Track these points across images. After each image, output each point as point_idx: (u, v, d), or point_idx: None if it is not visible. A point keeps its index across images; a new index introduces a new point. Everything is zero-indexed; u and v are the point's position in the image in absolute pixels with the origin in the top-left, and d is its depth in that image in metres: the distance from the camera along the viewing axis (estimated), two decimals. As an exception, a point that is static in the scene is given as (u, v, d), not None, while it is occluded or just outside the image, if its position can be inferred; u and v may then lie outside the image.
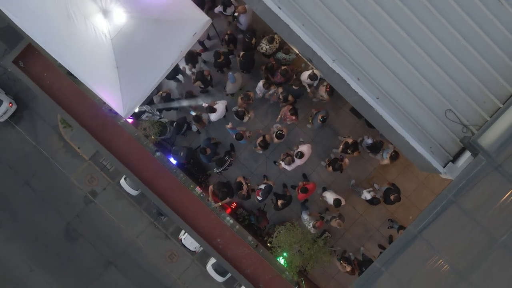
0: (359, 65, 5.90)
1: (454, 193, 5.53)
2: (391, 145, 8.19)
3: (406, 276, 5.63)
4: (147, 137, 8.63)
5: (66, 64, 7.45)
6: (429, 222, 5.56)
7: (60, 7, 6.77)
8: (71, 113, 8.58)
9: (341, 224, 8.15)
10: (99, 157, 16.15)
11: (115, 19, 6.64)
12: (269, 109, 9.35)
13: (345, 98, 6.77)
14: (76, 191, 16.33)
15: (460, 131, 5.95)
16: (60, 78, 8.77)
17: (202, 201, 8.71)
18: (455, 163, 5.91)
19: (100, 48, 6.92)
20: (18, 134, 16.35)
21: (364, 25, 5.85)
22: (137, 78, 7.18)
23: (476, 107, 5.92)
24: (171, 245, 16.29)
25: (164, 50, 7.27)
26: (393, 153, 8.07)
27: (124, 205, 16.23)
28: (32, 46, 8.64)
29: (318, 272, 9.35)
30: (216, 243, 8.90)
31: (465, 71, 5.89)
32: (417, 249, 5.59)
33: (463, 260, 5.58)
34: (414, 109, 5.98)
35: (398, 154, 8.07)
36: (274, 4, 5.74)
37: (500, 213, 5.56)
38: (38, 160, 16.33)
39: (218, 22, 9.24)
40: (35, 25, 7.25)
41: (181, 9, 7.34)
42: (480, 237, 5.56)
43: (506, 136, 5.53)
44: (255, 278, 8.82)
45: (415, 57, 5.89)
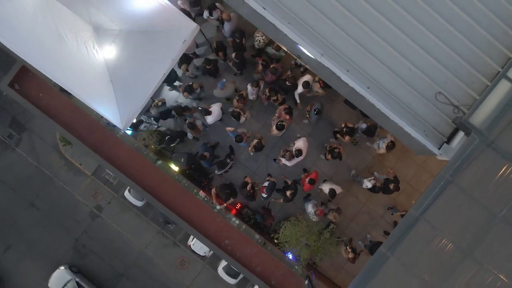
0: (347, 57, 6.03)
1: (451, 173, 5.66)
2: (388, 135, 8.31)
3: (411, 258, 5.75)
4: (147, 147, 8.75)
5: (61, 83, 7.57)
6: (429, 204, 5.68)
7: (50, 28, 6.89)
8: (70, 131, 8.70)
9: (336, 217, 8.24)
10: (101, 171, 16.27)
11: (105, 34, 6.76)
12: (265, 109, 9.46)
13: (337, 90, 6.89)
14: (81, 207, 16.45)
15: (452, 112, 6.08)
16: (56, 97, 8.90)
17: (207, 205, 8.83)
18: (449, 144, 6.03)
19: (93, 64, 7.04)
20: (19, 156, 16.46)
21: (348, 18, 5.98)
22: (131, 90, 7.30)
23: (465, 87, 6.04)
24: (180, 252, 16.39)
25: (156, 60, 7.39)
26: (389, 143, 8.18)
27: (130, 217, 16.34)
28: (26, 68, 8.78)
29: (327, 263, 9.47)
30: (224, 244, 9.02)
31: (451, 54, 6.02)
32: (420, 231, 5.71)
33: (466, 238, 5.70)
34: (405, 95, 6.10)
35: (394, 144, 8.19)
36: (258, 6, 5.87)
37: (497, 188, 5.68)
38: (41, 180, 16.45)
39: (207, 27, 9.39)
40: (27, 47, 7.37)
41: (169, 18, 7.45)
42: (479, 213, 5.68)
43: (496, 113, 5.66)
44: (266, 276, 8.95)
45: (401, 44, 6.02)
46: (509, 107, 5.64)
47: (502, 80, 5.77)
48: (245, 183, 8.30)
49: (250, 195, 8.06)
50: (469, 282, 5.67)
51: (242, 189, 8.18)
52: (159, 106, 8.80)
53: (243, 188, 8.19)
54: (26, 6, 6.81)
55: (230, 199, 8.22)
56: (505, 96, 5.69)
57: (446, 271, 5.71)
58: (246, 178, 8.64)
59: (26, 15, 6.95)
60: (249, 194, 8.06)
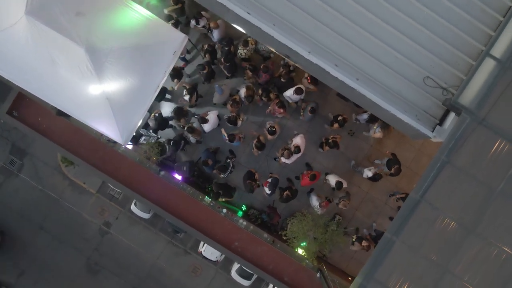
0: (334, 52, 6.20)
1: (446, 154, 5.81)
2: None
3: (417, 240, 5.89)
4: (148, 159, 8.91)
5: (59, 105, 7.73)
6: (428, 186, 5.83)
7: (43, 53, 7.03)
8: (72, 151, 8.85)
9: (346, 204, 8.43)
10: (105, 188, 16.44)
11: (97, 54, 6.90)
12: (260, 110, 9.62)
13: (328, 85, 7.05)
14: (90, 226, 16.60)
15: (441, 94, 6.24)
16: (55, 120, 9.05)
17: (214, 210, 8.98)
18: (442, 125, 6.20)
19: (88, 84, 7.18)
20: (23, 182, 16.63)
21: (331, 13, 6.14)
22: (128, 105, 7.45)
23: (451, 69, 6.21)
24: (192, 260, 16.54)
25: (149, 73, 7.55)
26: (383, 123, 8.30)
27: (139, 230, 16.49)
28: (22, 95, 8.93)
29: (337, 255, 9.62)
30: (234, 247, 9.17)
31: (434, 38, 6.18)
32: (422, 213, 5.86)
33: (467, 215, 5.85)
34: (394, 82, 6.27)
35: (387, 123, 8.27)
36: (243, 11, 6.03)
37: (493, 163, 5.84)
38: (47, 203, 16.62)
39: (195, 35, 9.54)
40: (22, 74, 7.53)
41: (157, 32, 7.62)
42: (478, 190, 5.84)
43: (483, 91, 5.82)
44: (279, 273, 9.10)
45: (385, 34, 6.19)
46: (496, 84, 5.79)
47: (486, 58, 5.93)
48: (250, 173, 8.37)
49: (251, 187, 8.18)
50: (475, 258, 5.82)
51: (246, 181, 8.31)
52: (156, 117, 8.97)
53: (248, 179, 8.32)
54: (18, 34, 6.95)
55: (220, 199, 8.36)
56: (491, 74, 5.85)
57: (452, 249, 5.86)
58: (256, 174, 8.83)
59: (18, 43, 7.09)
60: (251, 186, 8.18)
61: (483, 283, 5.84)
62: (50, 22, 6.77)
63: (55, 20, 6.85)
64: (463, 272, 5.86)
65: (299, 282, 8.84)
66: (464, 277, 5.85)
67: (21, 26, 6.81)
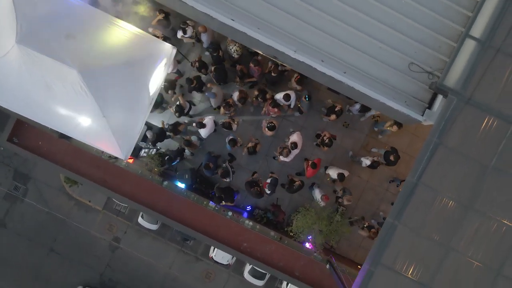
0: (319, 48, 6.37)
1: (437, 136, 5.98)
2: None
3: (418, 222, 6.05)
4: (151, 171, 9.07)
5: (57, 128, 7.90)
6: (423, 168, 6.00)
7: (37, 78, 7.19)
8: (75, 171, 9.02)
9: (350, 199, 8.62)
10: (111, 203, 16.60)
11: (89, 74, 7.05)
12: (255, 111, 9.79)
13: (317, 80, 7.23)
14: (100, 242, 16.76)
15: (427, 79, 6.42)
16: (55, 142, 9.22)
17: (219, 214, 9.15)
18: (431, 109, 6.38)
19: (84, 104, 7.33)
20: (29, 206, 16.80)
21: (312, 12, 6.33)
22: (125, 120, 7.62)
23: (434, 53, 6.39)
24: (204, 266, 16.70)
25: (143, 87, 7.72)
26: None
27: (148, 242, 16.66)
28: (21, 121, 9.10)
29: (344, 245, 9.79)
30: (243, 248, 9.34)
31: (414, 25, 6.36)
32: (421, 195, 6.02)
33: (464, 193, 6.02)
34: (380, 72, 6.44)
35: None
36: (227, 18, 6.21)
37: (483, 141, 6.00)
38: (55, 224, 16.78)
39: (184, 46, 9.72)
40: (18, 101, 7.70)
41: (146, 46, 7.78)
42: (472, 167, 6.00)
43: (467, 71, 5.99)
44: (289, 269, 9.28)
45: (366, 25, 6.37)
46: (478, 63, 5.96)
47: (467, 39, 6.10)
48: (252, 182, 8.57)
49: (258, 192, 8.36)
50: (476, 233, 5.98)
51: (250, 189, 8.49)
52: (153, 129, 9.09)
53: (251, 187, 8.50)
54: (11, 63, 7.12)
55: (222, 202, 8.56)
56: (472, 54, 6.02)
57: (453, 227, 6.02)
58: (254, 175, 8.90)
59: (12, 71, 7.25)
60: (257, 192, 8.36)
61: (487, 256, 6.00)
62: (41, 48, 6.93)
63: (46, 45, 7.02)
64: (466, 248, 6.02)
65: (310, 275, 9.02)
66: (468, 253, 6.02)
67: (13, 55, 6.98)
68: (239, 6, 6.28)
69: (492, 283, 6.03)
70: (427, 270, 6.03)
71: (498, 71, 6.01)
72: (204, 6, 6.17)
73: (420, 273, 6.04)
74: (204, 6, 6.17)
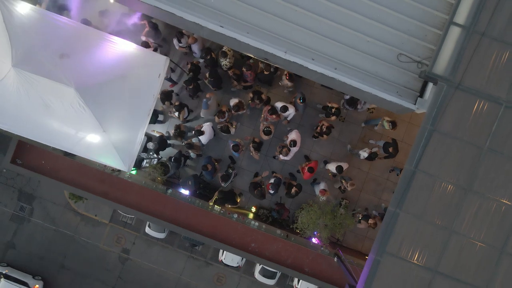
0: (309, 47, 6.51)
1: (431, 123, 6.12)
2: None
3: (419, 209, 6.19)
4: (154, 181, 9.20)
5: (59, 146, 8.04)
6: (420, 155, 6.14)
7: (35, 100, 7.35)
8: (80, 187, 9.16)
9: (353, 183, 8.74)
10: (117, 216, 16.73)
11: (87, 91, 7.21)
12: (252, 113, 9.92)
13: (309, 78, 7.37)
14: (109, 256, 16.88)
15: (416, 68, 6.56)
16: (58, 160, 9.36)
17: (225, 216, 9.29)
18: (423, 97, 6.53)
19: (83, 121, 7.49)
20: (36, 225, 16.92)
21: (298, 12, 6.47)
22: (125, 133, 7.77)
23: (421, 42, 6.53)
24: (215, 270, 16.82)
25: (140, 99, 7.86)
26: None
27: (157, 251, 16.78)
28: (22, 142, 9.24)
29: (351, 237, 9.92)
30: (251, 248, 9.48)
31: (399, 16, 6.50)
32: (420, 182, 6.17)
33: (462, 176, 6.16)
34: (370, 65, 6.58)
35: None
36: (216, 26, 6.35)
37: (476, 123, 6.15)
38: (64, 241, 16.91)
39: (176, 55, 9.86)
40: (18, 123, 7.85)
41: (139, 59, 7.93)
42: (467, 150, 6.15)
43: (454, 57, 6.14)
44: (298, 265, 9.41)
45: (352, 21, 6.51)
46: (464, 49, 6.11)
47: (451, 26, 6.24)
48: (255, 184, 8.72)
49: (261, 194, 8.50)
50: (476, 214, 6.13)
51: (254, 191, 8.62)
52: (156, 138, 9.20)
53: (254, 189, 8.64)
54: (9, 87, 7.27)
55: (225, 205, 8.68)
56: (458, 40, 6.17)
57: (453, 210, 6.16)
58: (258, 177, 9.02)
59: (10, 94, 7.40)
60: (261, 193, 8.50)
61: (489, 236, 6.15)
62: (37, 70, 7.10)
63: (41, 66, 7.19)
64: (468, 230, 6.16)
65: (318, 269, 9.16)
66: (470, 234, 6.16)
67: (10, 78, 7.14)
68: (227, 13, 6.42)
69: (496, 262, 6.17)
70: (432, 255, 6.18)
71: (484, 55, 6.16)
72: (193, 16, 6.31)
73: (425, 258, 6.18)
74: (193, 16, 6.31)
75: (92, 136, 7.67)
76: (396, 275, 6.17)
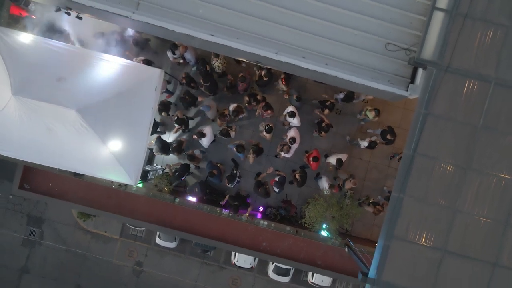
0: (298, 46, 6.68)
1: (424, 107, 6.28)
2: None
3: (422, 192, 6.34)
4: (161, 191, 9.37)
5: (64, 167, 8.21)
6: (417, 140, 6.30)
7: (38, 125, 7.51)
8: (89, 205, 9.32)
9: (356, 182, 8.92)
10: (127, 230, 16.89)
11: (87, 111, 7.36)
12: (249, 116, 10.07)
13: (302, 76, 7.54)
14: (123, 270, 17.04)
15: (405, 55, 6.72)
16: (65, 181, 9.54)
17: (234, 219, 9.45)
18: (414, 83, 6.69)
19: (86, 140, 7.64)
20: (48, 247, 17.08)
21: (284, 13, 6.63)
22: (128, 147, 7.92)
23: (407, 30, 6.69)
24: (229, 273, 16.97)
25: (139, 113, 8.03)
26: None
27: (170, 260, 16.93)
28: (28, 167, 9.41)
29: (359, 226, 10.09)
30: (263, 247, 9.65)
31: (383, 7, 6.66)
32: (420, 165, 6.32)
33: (460, 155, 6.31)
34: (360, 57, 6.75)
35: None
36: (207, 35, 6.52)
37: (468, 103, 6.31)
38: (76, 261, 17.06)
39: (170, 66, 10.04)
40: (23, 149, 8.01)
41: (134, 74, 8.09)
42: (462, 130, 6.31)
43: (441, 41, 6.30)
44: (311, 259, 9.59)
45: (337, 16, 6.67)
46: (449, 32, 6.27)
47: (434, 11, 6.39)
48: (258, 182, 8.85)
49: (265, 192, 8.66)
50: (478, 191, 6.28)
51: (258, 189, 8.77)
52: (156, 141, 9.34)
53: (258, 188, 8.79)
54: (11, 115, 7.43)
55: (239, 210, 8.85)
56: (442, 24, 6.32)
57: (455, 189, 6.32)
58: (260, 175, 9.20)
59: (13, 122, 7.56)
60: (265, 191, 8.66)
61: (492, 211, 6.30)
62: (37, 95, 7.27)
63: (40, 91, 7.36)
64: (471, 207, 6.31)
65: (331, 261, 9.32)
66: (474, 212, 6.31)
67: (12, 106, 7.30)
68: (216, 21, 6.58)
69: (502, 235, 6.33)
70: (439, 235, 6.33)
71: (469, 36, 6.32)
72: (184, 28, 6.47)
73: (433, 238, 6.34)
74: (183, 28, 6.47)
75: (96, 154, 7.83)
76: (406, 258, 6.32)
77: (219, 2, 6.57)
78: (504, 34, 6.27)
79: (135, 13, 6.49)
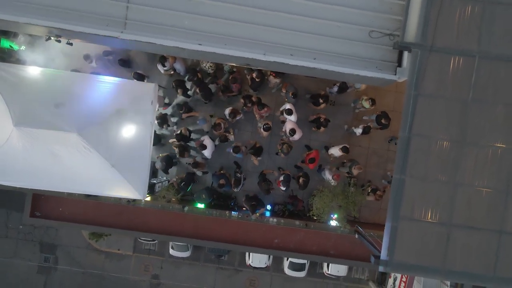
0: (285, 45, 6.85)
1: (414, 88, 6.46)
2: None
3: (422, 171, 6.50)
4: (169, 202, 9.54)
5: (73, 190, 8.38)
6: (411, 121, 6.47)
7: (42, 152, 7.68)
8: (101, 224, 9.48)
9: (361, 167, 9.09)
10: (140, 245, 17.06)
11: (88, 132, 7.53)
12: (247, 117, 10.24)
13: (292, 72, 7.71)
14: (141, 285, 17.21)
15: (389, 40, 6.89)
16: (74, 204, 9.70)
17: (243, 220, 9.62)
18: (401, 66, 6.86)
19: (91, 161, 7.80)
20: (64, 272, 17.24)
21: (267, 14, 6.80)
22: (133, 163, 8.09)
23: (388, 15, 6.87)
24: (245, 275, 17.12)
25: (138, 129, 8.20)
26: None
27: (186, 269, 17.10)
28: (37, 194, 9.57)
29: (366, 212, 10.25)
30: (276, 244, 9.82)
31: (361, -4, 6.85)
32: (416, 145, 6.49)
33: (454, 130, 6.49)
34: (346, 48, 6.92)
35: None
36: (195, 45, 6.69)
37: (456, 79, 6.49)
38: (94, 281, 17.22)
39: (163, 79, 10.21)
40: (30, 178, 8.17)
41: (129, 91, 8.29)
42: (454, 106, 6.48)
43: (422, 23, 6.47)
44: (324, 250, 9.76)
45: (319, 11, 6.81)
46: (429, 13, 6.45)
47: (412, -6, 6.58)
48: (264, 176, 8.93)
49: (267, 188, 8.81)
50: (476, 163, 6.45)
51: (261, 183, 8.92)
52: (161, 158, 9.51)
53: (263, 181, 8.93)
54: (15, 146, 7.60)
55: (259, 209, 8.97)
56: (421, 6, 6.48)
57: (454, 165, 6.48)
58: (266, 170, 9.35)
59: (17, 152, 7.73)
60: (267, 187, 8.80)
61: (492, 181, 6.47)
62: (37, 124, 7.44)
63: (40, 119, 7.53)
64: (471, 179, 6.48)
65: (343, 249, 9.50)
66: (475, 183, 6.48)
67: (15, 137, 7.47)
68: (202, 30, 6.76)
69: (505, 203, 6.50)
70: (444, 210, 6.50)
71: (449, 14, 6.49)
72: (172, 41, 6.65)
73: (438, 214, 6.50)
74: (171, 41, 6.65)
75: (102, 174, 7.98)
76: (414, 236, 6.49)
77: (203, 12, 6.74)
78: (482, 8, 6.45)
79: (123, 32, 6.66)
